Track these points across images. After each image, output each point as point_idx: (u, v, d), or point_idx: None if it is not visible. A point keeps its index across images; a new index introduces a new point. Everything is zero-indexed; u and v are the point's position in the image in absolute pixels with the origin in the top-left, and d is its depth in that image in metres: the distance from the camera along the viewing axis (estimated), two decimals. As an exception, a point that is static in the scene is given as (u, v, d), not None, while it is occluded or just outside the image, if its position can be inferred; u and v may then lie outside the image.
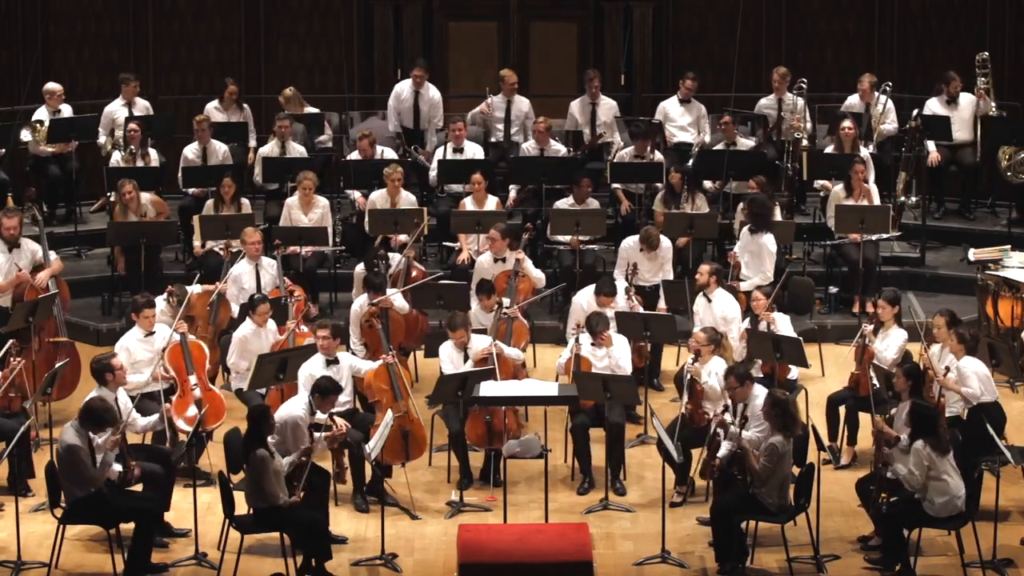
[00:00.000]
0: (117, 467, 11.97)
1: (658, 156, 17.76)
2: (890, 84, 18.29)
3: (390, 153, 17.89)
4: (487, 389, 12.86)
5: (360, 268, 15.70)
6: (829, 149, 17.73)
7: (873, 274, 16.68)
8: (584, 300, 15.11)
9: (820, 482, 12.22)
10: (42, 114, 18.39)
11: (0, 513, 13.03)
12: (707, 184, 17.60)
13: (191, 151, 17.86)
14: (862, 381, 13.60)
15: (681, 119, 18.57)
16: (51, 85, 18.61)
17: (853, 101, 18.49)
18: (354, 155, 17.78)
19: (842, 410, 13.87)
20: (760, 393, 12.55)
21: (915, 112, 18.09)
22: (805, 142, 17.91)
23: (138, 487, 12.35)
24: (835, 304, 16.98)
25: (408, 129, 18.53)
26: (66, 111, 18.53)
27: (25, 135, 18.23)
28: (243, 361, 14.04)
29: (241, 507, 12.14)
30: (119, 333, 16.03)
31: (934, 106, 18.35)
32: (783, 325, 14.37)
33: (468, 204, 16.95)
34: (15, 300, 15.02)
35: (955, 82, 18.25)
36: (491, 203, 16.90)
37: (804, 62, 19.30)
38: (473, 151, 17.85)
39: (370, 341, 14.77)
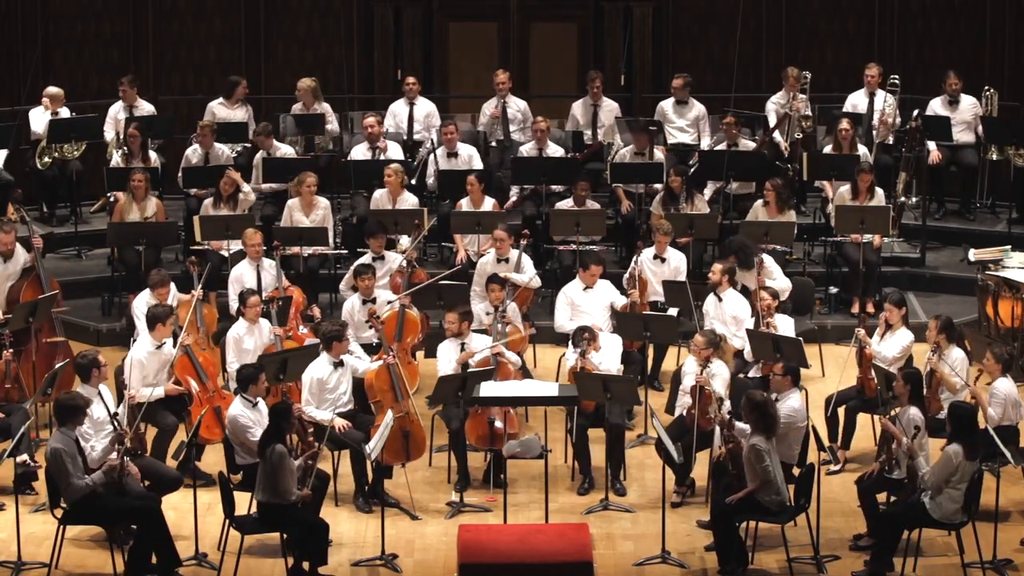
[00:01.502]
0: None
1: (658, 155, 17.75)
2: (896, 78, 18.28)
3: (395, 148, 17.88)
4: (487, 389, 12.87)
5: (358, 262, 15.70)
6: (828, 149, 17.75)
7: (873, 275, 16.69)
8: (570, 291, 15.23)
9: (820, 482, 12.23)
10: (40, 121, 18.34)
11: (0, 513, 13.06)
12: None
13: (193, 154, 17.85)
14: (867, 384, 13.61)
15: (679, 120, 18.57)
16: (53, 89, 18.58)
17: (856, 99, 18.50)
18: (360, 147, 17.79)
19: (841, 411, 13.86)
20: (794, 395, 12.69)
21: (915, 112, 18.10)
22: (801, 134, 17.96)
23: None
24: (835, 304, 16.98)
25: (406, 143, 18.49)
26: (64, 114, 18.49)
27: (44, 159, 18.25)
28: (237, 365, 13.95)
29: (241, 507, 12.15)
30: (119, 333, 16.12)
31: (936, 106, 18.36)
32: (785, 327, 14.37)
33: (464, 205, 16.95)
34: (12, 301, 15.01)
35: (950, 79, 18.27)
36: (487, 204, 16.91)
37: (804, 62, 19.29)
38: (467, 152, 17.83)
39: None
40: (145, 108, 18.76)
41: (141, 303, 14.68)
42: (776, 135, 18.15)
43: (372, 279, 15.05)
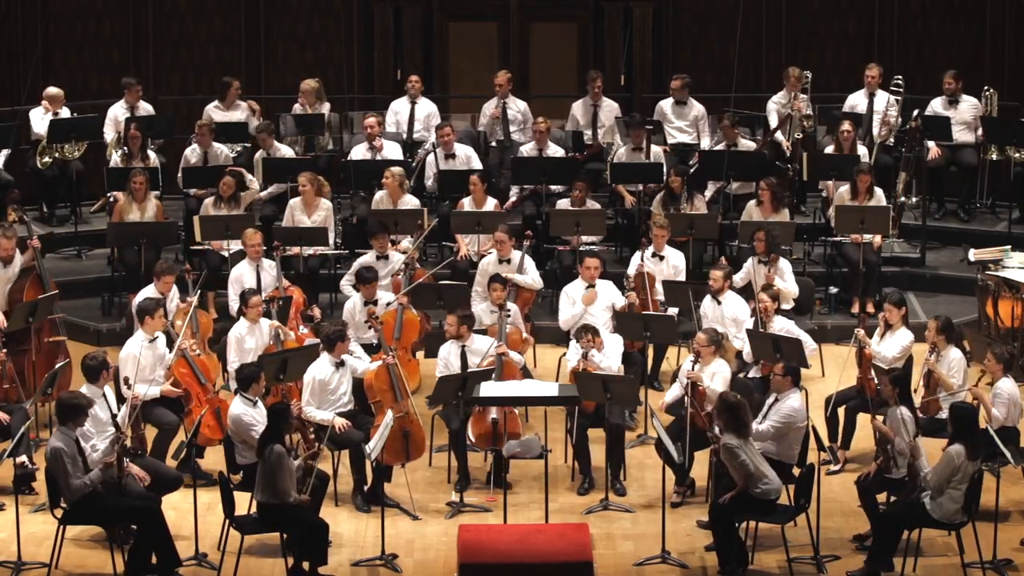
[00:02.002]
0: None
1: (655, 151, 17.74)
2: (900, 78, 18.29)
3: (392, 148, 17.88)
4: (487, 389, 12.87)
5: (360, 263, 15.70)
6: (829, 149, 17.76)
7: (874, 275, 16.69)
8: (571, 291, 15.25)
9: (820, 482, 12.23)
10: (40, 121, 18.33)
11: (0, 513, 13.06)
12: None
13: (192, 154, 17.85)
14: (867, 384, 13.61)
15: (679, 120, 18.58)
16: (52, 90, 18.57)
17: (855, 100, 18.50)
18: (360, 147, 17.78)
19: (841, 411, 13.86)
20: (794, 395, 12.68)
21: (915, 112, 18.10)
22: (802, 133, 17.99)
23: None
24: (835, 304, 16.99)
25: (406, 142, 18.51)
26: (65, 115, 18.48)
27: (45, 159, 18.25)
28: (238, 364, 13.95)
29: (241, 507, 12.15)
30: (119, 333, 16.10)
31: (936, 106, 18.37)
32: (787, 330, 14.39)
33: (467, 205, 16.95)
34: (14, 302, 15.01)
35: (947, 80, 18.27)
36: (489, 204, 16.91)
37: (804, 62, 19.30)
38: (465, 153, 17.82)
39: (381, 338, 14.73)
40: (144, 108, 18.76)
41: (141, 300, 14.68)
42: (778, 135, 18.16)
43: (376, 284, 15.09)
